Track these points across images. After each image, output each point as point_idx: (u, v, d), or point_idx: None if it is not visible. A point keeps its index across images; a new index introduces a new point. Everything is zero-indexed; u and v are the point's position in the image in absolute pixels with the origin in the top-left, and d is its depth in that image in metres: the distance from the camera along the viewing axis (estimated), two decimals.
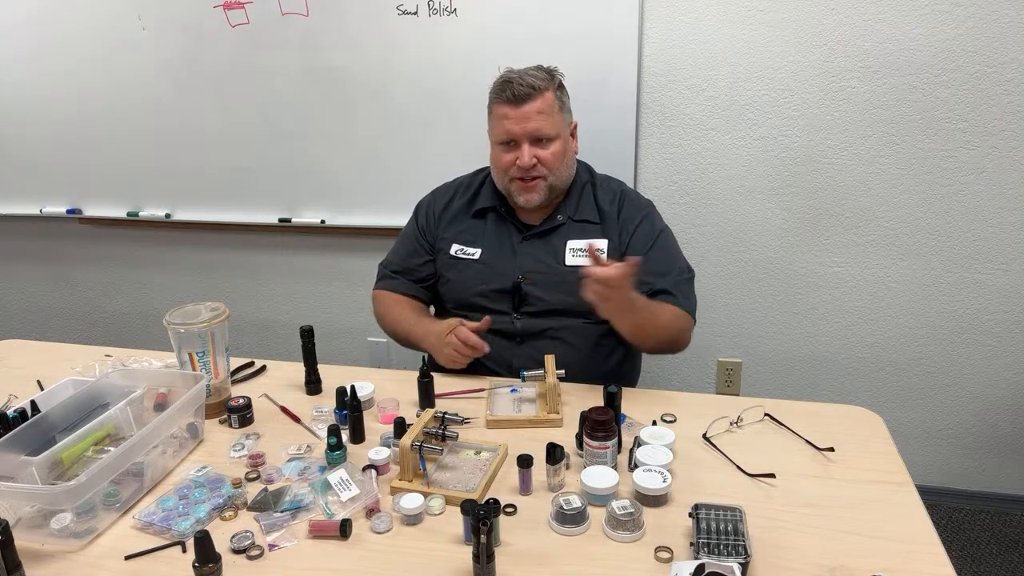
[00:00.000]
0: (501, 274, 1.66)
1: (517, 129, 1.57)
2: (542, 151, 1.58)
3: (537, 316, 1.64)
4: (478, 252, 1.69)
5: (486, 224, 1.72)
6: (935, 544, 1.06)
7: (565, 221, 1.67)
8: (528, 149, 1.57)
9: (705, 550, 1.00)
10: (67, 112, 2.47)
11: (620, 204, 1.68)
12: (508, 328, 1.65)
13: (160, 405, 1.37)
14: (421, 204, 1.81)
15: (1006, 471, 2.30)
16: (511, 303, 1.65)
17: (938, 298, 2.16)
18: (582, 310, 1.61)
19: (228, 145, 2.41)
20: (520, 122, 1.56)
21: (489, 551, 0.98)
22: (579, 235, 1.65)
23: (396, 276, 1.78)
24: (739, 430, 1.36)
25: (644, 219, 1.66)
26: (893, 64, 1.96)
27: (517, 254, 1.67)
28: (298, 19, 2.20)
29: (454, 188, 1.79)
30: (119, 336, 2.86)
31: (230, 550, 1.08)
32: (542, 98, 1.56)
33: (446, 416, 1.29)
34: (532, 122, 1.56)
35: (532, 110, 1.55)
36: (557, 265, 1.64)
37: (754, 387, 2.37)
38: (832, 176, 2.10)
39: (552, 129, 1.58)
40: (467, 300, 1.69)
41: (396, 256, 1.80)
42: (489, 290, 1.66)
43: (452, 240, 1.72)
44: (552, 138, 1.58)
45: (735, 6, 1.99)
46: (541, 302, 1.64)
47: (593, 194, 1.70)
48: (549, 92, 1.57)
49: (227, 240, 2.61)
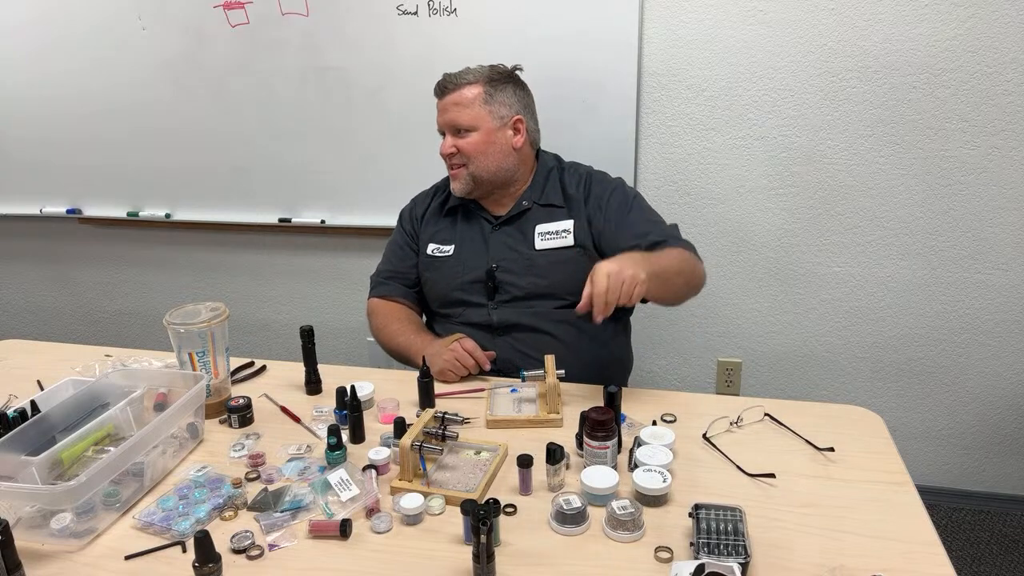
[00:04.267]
0: (474, 266, 1.70)
1: (439, 120, 1.68)
2: (459, 140, 1.65)
3: (512, 303, 1.67)
4: (451, 248, 1.74)
5: (457, 221, 1.77)
6: (935, 544, 1.06)
7: (531, 206, 1.71)
8: (449, 139, 1.67)
9: (705, 550, 1.00)
10: (67, 112, 2.48)
11: (587, 185, 1.72)
12: (485, 320, 1.68)
13: (160, 405, 1.37)
14: (404, 212, 1.86)
15: (1006, 471, 2.30)
16: (485, 292, 1.68)
17: (938, 298, 2.16)
18: (556, 292, 1.67)
19: (228, 145, 2.41)
20: (441, 113, 1.68)
21: (489, 551, 0.98)
22: (546, 219, 1.69)
23: (388, 281, 1.80)
24: (739, 430, 1.36)
25: (615, 191, 1.70)
26: (893, 64, 1.96)
27: (488, 244, 1.71)
28: (298, 19, 2.20)
29: (431, 193, 1.84)
30: (119, 336, 2.86)
31: (230, 550, 1.08)
32: (460, 92, 1.64)
33: (446, 416, 1.29)
34: (448, 113, 1.65)
35: (449, 102, 1.65)
36: (528, 250, 1.68)
37: (754, 387, 2.37)
38: (832, 176, 2.10)
39: (468, 120, 1.64)
40: (448, 296, 1.72)
41: (387, 264, 1.84)
42: (464, 282, 1.70)
43: (429, 240, 1.77)
44: (469, 129, 1.64)
45: (735, 6, 1.99)
46: (515, 288, 1.67)
47: (560, 179, 1.74)
48: (474, 87, 1.64)
49: (227, 240, 2.61)
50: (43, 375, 1.64)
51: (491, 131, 1.66)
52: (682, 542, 1.07)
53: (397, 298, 1.78)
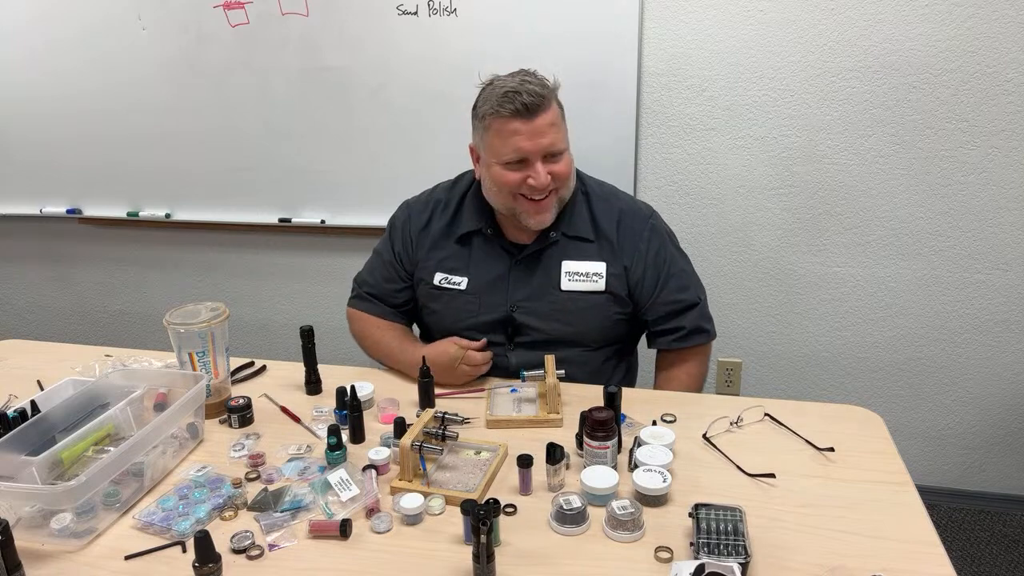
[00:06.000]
0: (491, 305, 1.55)
1: (530, 145, 1.40)
2: (555, 166, 1.43)
3: (532, 347, 1.54)
4: (464, 281, 1.56)
5: (471, 249, 1.57)
6: (935, 544, 1.06)
7: (558, 238, 1.54)
8: (543, 167, 1.41)
9: (705, 550, 1.00)
10: (67, 112, 2.48)
11: (619, 225, 1.55)
12: (502, 362, 1.56)
13: (160, 405, 1.37)
14: (395, 224, 1.65)
15: (1006, 471, 2.30)
16: (504, 334, 1.56)
17: (938, 298, 2.16)
18: (581, 339, 1.57)
19: (228, 145, 2.41)
20: (533, 137, 1.39)
21: (489, 551, 0.98)
22: (575, 255, 1.54)
23: (372, 299, 1.67)
24: (739, 430, 1.36)
25: (652, 236, 1.56)
26: (893, 64, 1.96)
27: (508, 281, 1.55)
28: (298, 19, 2.20)
29: (431, 206, 1.62)
30: (119, 336, 2.86)
31: (230, 550, 1.08)
32: (551, 109, 1.41)
33: (446, 416, 1.29)
34: (546, 136, 1.40)
35: (544, 123, 1.39)
36: (552, 291, 1.53)
37: (754, 387, 2.37)
38: (832, 176, 2.10)
39: (564, 142, 1.45)
40: (457, 333, 1.56)
41: (372, 278, 1.68)
42: (479, 322, 1.56)
43: (435, 268, 1.59)
44: (563, 151, 1.45)
45: (735, 6, 1.99)
46: (537, 332, 1.55)
47: (588, 206, 1.56)
48: (553, 101, 1.43)
49: (227, 240, 2.61)
50: (43, 375, 1.64)
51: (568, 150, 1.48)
52: (682, 542, 1.07)
53: (378, 315, 1.66)
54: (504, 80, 1.45)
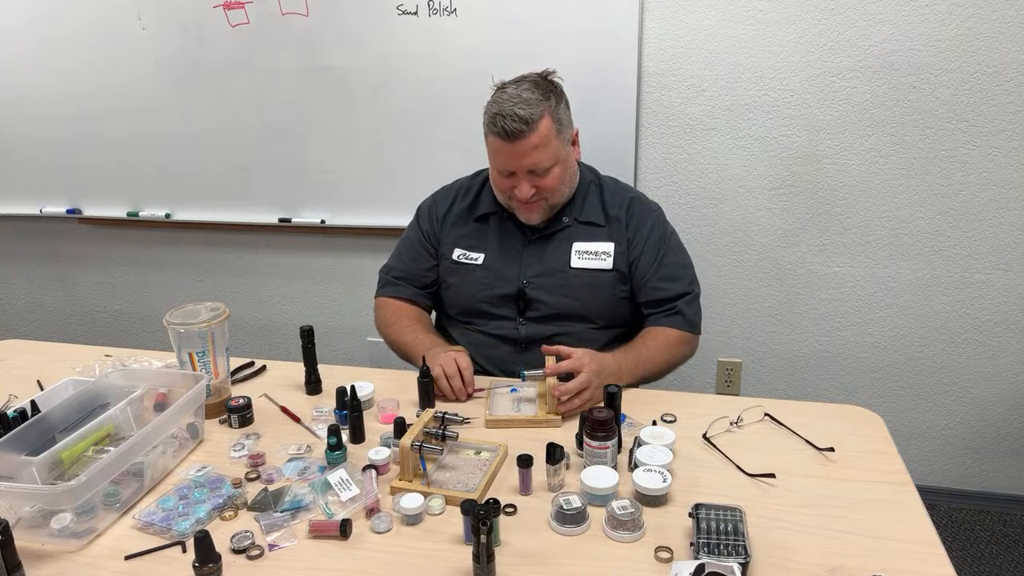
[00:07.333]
0: (505, 279, 1.64)
1: (513, 165, 1.51)
2: (541, 180, 1.53)
3: (542, 321, 1.63)
4: (481, 257, 1.66)
5: (489, 228, 1.69)
6: (935, 544, 1.06)
7: (571, 223, 1.65)
8: (526, 183, 1.53)
9: (705, 550, 1.00)
10: (67, 112, 2.47)
11: (630, 209, 1.65)
12: (512, 334, 1.64)
13: (160, 405, 1.37)
14: (422, 208, 1.78)
15: (1006, 471, 2.30)
16: (515, 308, 1.64)
17: (938, 298, 2.16)
18: (587, 315, 1.63)
19: (228, 145, 2.41)
20: (515, 159, 1.50)
21: (489, 551, 0.98)
22: (585, 237, 1.64)
23: (400, 282, 1.74)
24: (739, 430, 1.36)
25: (655, 225, 1.66)
26: (893, 64, 1.96)
27: (522, 258, 1.65)
28: (298, 19, 2.20)
29: (455, 191, 1.75)
30: (119, 336, 2.86)
31: (230, 550, 1.08)
32: (535, 132, 1.47)
33: (446, 416, 1.29)
34: (528, 158, 1.49)
35: (527, 146, 1.47)
36: (563, 268, 1.62)
37: (754, 387, 2.37)
38: (832, 176, 2.10)
39: (550, 159, 1.51)
40: (471, 306, 1.67)
41: (400, 262, 1.76)
42: (493, 296, 1.64)
43: (454, 245, 1.69)
44: (551, 167, 1.53)
45: (735, 6, 1.99)
46: (546, 306, 1.62)
47: (600, 196, 1.67)
48: (544, 120, 1.48)
49: (227, 240, 2.61)
50: (43, 375, 1.64)
51: (565, 158, 1.56)
52: (682, 542, 1.07)
53: (407, 298, 1.73)
54: (501, 94, 1.53)
